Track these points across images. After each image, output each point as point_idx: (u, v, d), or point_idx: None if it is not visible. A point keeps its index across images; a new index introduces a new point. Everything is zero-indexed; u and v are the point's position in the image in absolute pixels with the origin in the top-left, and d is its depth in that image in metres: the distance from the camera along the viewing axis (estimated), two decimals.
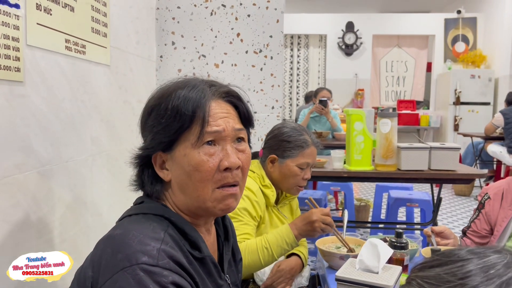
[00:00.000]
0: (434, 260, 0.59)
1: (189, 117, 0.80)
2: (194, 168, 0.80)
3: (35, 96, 1.15)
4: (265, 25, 2.26)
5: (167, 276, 0.69)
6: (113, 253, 0.72)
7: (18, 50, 1.06)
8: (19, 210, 1.08)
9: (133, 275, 0.68)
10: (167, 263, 0.71)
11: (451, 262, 0.56)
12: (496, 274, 0.53)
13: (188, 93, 0.82)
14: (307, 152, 1.57)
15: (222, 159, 0.82)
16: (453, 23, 7.38)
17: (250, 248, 1.37)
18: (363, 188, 6.09)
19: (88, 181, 1.47)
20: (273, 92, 2.29)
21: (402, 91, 8.01)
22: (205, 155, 0.81)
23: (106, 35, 1.58)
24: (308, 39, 7.90)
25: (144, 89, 2.06)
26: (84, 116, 1.45)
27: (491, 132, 5.19)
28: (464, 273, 0.53)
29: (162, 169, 0.86)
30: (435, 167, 2.37)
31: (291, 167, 1.56)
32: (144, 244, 0.72)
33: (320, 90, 4.64)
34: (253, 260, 1.37)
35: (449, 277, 0.54)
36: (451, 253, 0.59)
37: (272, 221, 1.61)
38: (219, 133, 0.82)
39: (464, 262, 0.55)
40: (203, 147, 0.81)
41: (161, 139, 0.82)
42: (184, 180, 0.82)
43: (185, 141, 0.81)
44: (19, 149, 1.08)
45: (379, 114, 2.33)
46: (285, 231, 1.41)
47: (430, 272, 0.57)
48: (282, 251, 1.40)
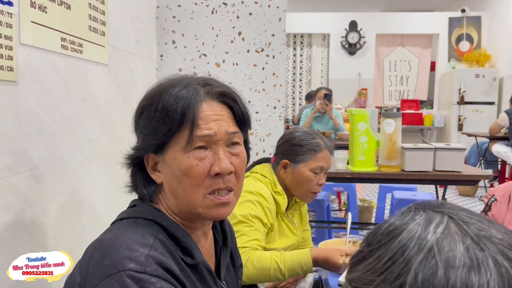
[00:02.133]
0: (359, 253, 0.47)
1: (177, 120, 0.77)
2: (184, 173, 0.77)
3: (29, 97, 1.12)
4: (267, 23, 2.23)
5: (155, 283, 0.67)
6: (100, 259, 0.70)
7: (11, 49, 1.03)
8: (12, 213, 1.05)
9: (120, 282, 0.66)
10: (155, 269, 0.69)
11: (371, 253, 0.45)
12: (416, 249, 0.41)
13: (179, 92, 0.79)
14: (320, 156, 1.52)
15: (213, 164, 0.78)
16: (458, 22, 7.33)
17: (262, 262, 1.31)
18: (366, 189, 6.05)
19: (85, 183, 1.44)
20: (275, 92, 2.25)
21: (405, 91, 7.96)
22: (195, 159, 0.77)
23: (104, 33, 1.55)
24: (311, 38, 7.86)
25: (144, 89, 2.02)
26: (81, 116, 1.42)
27: (496, 132, 5.15)
28: (383, 266, 0.42)
29: (154, 170, 0.83)
30: (439, 168, 2.33)
31: (304, 172, 1.51)
32: (132, 250, 0.69)
33: (320, 90, 4.62)
34: (263, 275, 1.31)
35: (370, 275, 0.43)
36: (373, 236, 0.47)
37: (281, 228, 1.56)
38: (211, 137, 0.78)
39: (382, 250, 0.44)
40: (193, 151, 0.78)
41: (151, 141, 0.80)
42: (174, 184, 0.80)
43: (176, 144, 0.78)
44: (11, 151, 1.05)
45: (383, 114, 2.29)
46: (304, 259, 1.33)
47: (356, 273, 0.46)
48: (295, 274, 1.36)
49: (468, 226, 0.42)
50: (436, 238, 0.41)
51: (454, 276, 0.38)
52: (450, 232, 0.42)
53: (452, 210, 0.45)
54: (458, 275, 0.38)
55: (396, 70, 7.94)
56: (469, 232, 0.42)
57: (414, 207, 0.47)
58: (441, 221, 0.43)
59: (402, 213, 0.47)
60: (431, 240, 0.41)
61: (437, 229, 0.42)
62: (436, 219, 0.43)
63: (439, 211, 0.45)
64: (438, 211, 0.45)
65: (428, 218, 0.44)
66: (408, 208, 0.47)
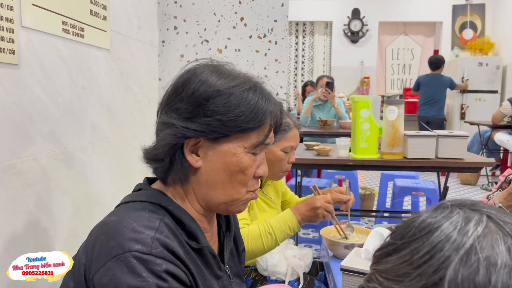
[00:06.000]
0: (388, 245, 0.47)
1: (258, 124, 0.80)
2: (241, 170, 0.81)
3: (31, 81, 1.11)
4: (269, 9, 2.21)
5: (160, 264, 0.68)
6: (106, 240, 0.70)
7: (13, 32, 1.02)
8: (15, 196, 1.05)
9: (126, 262, 0.66)
10: (161, 251, 0.69)
11: (404, 245, 0.44)
12: (456, 245, 0.41)
13: (264, 101, 0.82)
14: (290, 135, 1.53)
15: (258, 167, 0.85)
16: (461, 10, 7.25)
17: (253, 234, 1.37)
18: (368, 177, 6.05)
19: (88, 168, 1.44)
20: (277, 78, 2.24)
21: (408, 79, 7.91)
22: (253, 162, 0.83)
23: (106, 18, 1.53)
24: (313, 26, 7.80)
25: (146, 74, 2.02)
26: (84, 102, 1.41)
27: (499, 121, 5.12)
28: (420, 259, 0.42)
29: (192, 152, 0.80)
30: (442, 156, 2.33)
31: (276, 152, 1.52)
32: (138, 232, 0.70)
33: (322, 78, 4.59)
34: (256, 246, 1.36)
35: (405, 267, 0.43)
36: (406, 228, 0.46)
37: (260, 205, 1.60)
38: (268, 146, 0.86)
39: (418, 243, 0.43)
40: (252, 153, 0.83)
41: (217, 129, 0.78)
42: (221, 176, 0.81)
43: (239, 140, 0.80)
44: (14, 135, 1.05)
45: (385, 101, 2.28)
46: (288, 217, 1.41)
47: (387, 264, 0.45)
48: (285, 236, 1.40)
49: (508, 226, 0.42)
50: (477, 235, 0.41)
51: (496, 276, 0.38)
52: (490, 231, 0.41)
53: (489, 210, 0.44)
54: (500, 276, 0.38)
55: (399, 59, 7.88)
56: (510, 233, 0.41)
57: (449, 204, 0.47)
58: (480, 220, 0.43)
59: (434, 209, 0.47)
60: (472, 238, 0.41)
61: (477, 227, 0.42)
62: (474, 218, 0.43)
63: (475, 209, 0.44)
64: (474, 210, 0.44)
65: (466, 216, 0.43)
66: (442, 205, 0.47)
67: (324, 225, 2.47)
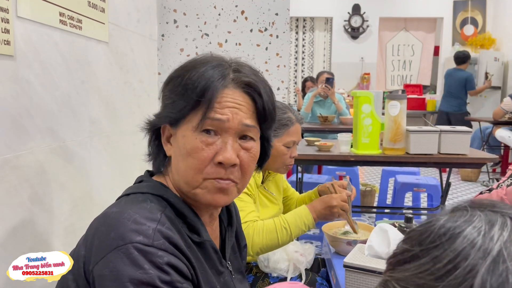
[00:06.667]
0: (404, 251, 0.44)
1: (194, 99, 0.75)
2: (188, 153, 0.75)
3: (28, 72, 1.08)
4: (270, 2, 2.18)
5: (162, 256, 0.66)
6: (107, 231, 0.68)
7: (8, 22, 0.99)
8: (11, 191, 1.03)
9: (127, 254, 0.64)
10: (163, 243, 0.67)
11: (422, 252, 0.41)
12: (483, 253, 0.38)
13: (206, 71, 0.76)
14: (292, 130, 1.53)
15: (218, 151, 0.75)
16: (462, 5, 7.21)
17: (268, 227, 1.36)
18: (369, 174, 6.03)
19: (86, 163, 1.42)
20: (278, 73, 2.21)
21: (408, 76, 7.89)
22: (201, 142, 0.75)
23: (104, 10, 1.50)
24: (313, 22, 7.76)
25: (145, 69, 1.99)
26: (82, 95, 1.38)
27: (500, 117, 5.10)
28: (443, 268, 0.39)
29: (167, 142, 0.82)
30: (445, 151, 2.31)
31: (278, 147, 1.51)
32: (139, 224, 0.68)
33: (322, 74, 4.57)
34: (271, 240, 1.36)
35: (426, 277, 0.40)
36: (423, 234, 0.43)
37: (262, 201, 1.60)
38: (222, 123, 0.75)
39: (439, 250, 0.40)
40: (202, 133, 0.75)
41: (168, 113, 0.79)
42: (179, 161, 0.78)
43: (189, 122, 0.76)
44: (10, 128, 1.02)
45: (387, 96, 2.25)
46: (304, 213, 1.41)
47: (405, 272, 0.43)
48: (300, 232, 1.40)
49: None
50: (503, 241, 0.39)
51: None
52: None
53: (511, 211, 0.42)
54: None
55: (399, 55, 7.85)
56: None
57: (467, 206, 0.44)
58: (505, 223, 0.40)
59: (453, 211, 0.44)
60: (498, 244, 0.39)
61: (502, 232, 0.40)
62: (498, 221, 0.41)
63: (497, 211, 0.42)
64: (496, 212, 0.42)
65: (488, 220, 0.41)
66: (461, 207, 0.44)
67: (325, 221, 2.45)
